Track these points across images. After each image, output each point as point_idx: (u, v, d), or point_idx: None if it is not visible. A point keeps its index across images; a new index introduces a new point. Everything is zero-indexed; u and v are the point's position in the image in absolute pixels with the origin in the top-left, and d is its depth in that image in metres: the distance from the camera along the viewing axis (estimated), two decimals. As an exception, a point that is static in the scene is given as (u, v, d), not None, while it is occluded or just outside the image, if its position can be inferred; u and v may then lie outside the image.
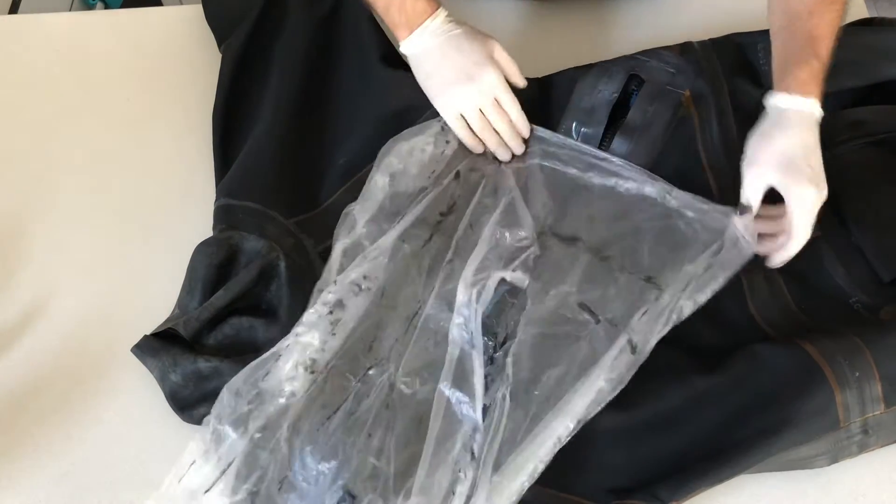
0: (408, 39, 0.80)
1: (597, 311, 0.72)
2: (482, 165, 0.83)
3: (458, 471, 0.64)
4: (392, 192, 0.79)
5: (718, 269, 0.73)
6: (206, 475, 0.64)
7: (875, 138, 0.83)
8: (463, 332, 0.70)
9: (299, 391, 0.68)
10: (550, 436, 0.65)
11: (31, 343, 0.79)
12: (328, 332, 0.70)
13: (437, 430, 0.66)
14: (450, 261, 0.75)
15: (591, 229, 0.78)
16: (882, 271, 0.77)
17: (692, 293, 0.72)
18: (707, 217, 0.77)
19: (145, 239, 0.85)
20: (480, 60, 0.79)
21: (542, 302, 0.73)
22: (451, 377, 0.68)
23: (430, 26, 0.80)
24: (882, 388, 0.68)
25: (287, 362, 0.68)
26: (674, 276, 0.74)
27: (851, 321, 0.75)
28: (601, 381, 0.67)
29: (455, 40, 0.80)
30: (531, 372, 0.69)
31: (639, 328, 0.70)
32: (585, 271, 0.75)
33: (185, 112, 0.93)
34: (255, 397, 0.67)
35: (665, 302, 0.72)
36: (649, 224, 0.78)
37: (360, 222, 0.77)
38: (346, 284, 0.72)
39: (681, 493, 0.66)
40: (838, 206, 0.80)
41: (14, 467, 0.72)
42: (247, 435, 0.66)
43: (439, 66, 0.80)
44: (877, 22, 0.91)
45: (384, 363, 0.71)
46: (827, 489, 0.71)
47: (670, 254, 0.75)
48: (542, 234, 0.78)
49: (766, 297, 0.77)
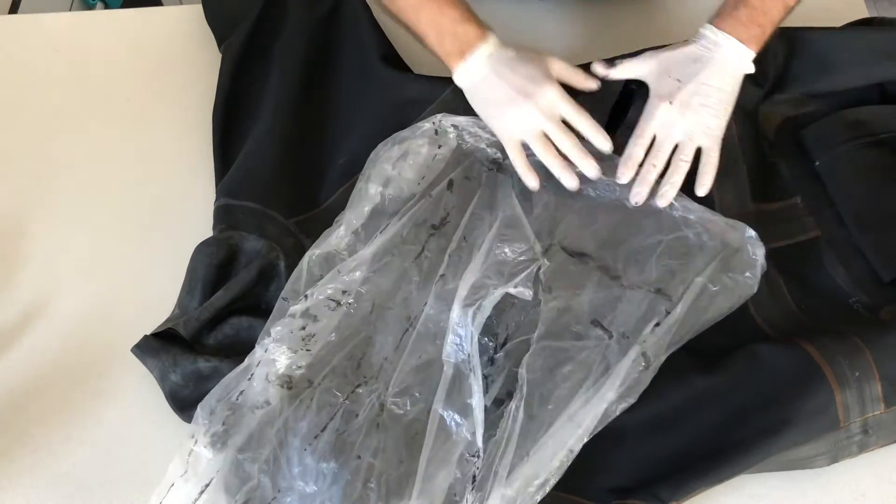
0: (461, 67, 0.77)
1: (609, 327, 0.71)
2: (477, 174, 0.81)
3: (455, 495, 0.63)
4: (384, 201, 0.77)
5: (731, 294, 0.73)
6: (185, 496, 0.64)
7: (876, 138, 0.83)
8: (459, 353, 0.68)
9: (275, 402, 0.67)
10: (562, 448, 0.65)
11: (31, 343, 0.79)
12: (301, 348, 0.69)
13: (430, 450, 0.65)
14: (442, 275, 0.74)
15: (598, 245, 0.76)
16: (882, 271, 0.77)
17: (704, 312, 0.72)
18: (712, 226, 0.77)
19: (145, 239, 0.85)
20: (537, 76, 0.76)
21: (555, 317, 0.72)
22: (445, 397, 0.67)
23: (483, 51, 0.77)
24: (882, 388, 0.68)
25: (259, 380, 0.68)
26: (683, 287, 0.73)
27: (851, 321, 0.75)
28: (611, 394, 0.66)
29: (509, 62, 0.77)
30: (543, 386, 0.68)
31: (651, 341, 0.69)
32: (596, 288, 0.73)
33: (185, 112, 0.93)
34: (230, 415, 0.66)
35: (677, 314, 0.71)
36: (656, 237, 0.76)
37: (342, 231, 0.76)
38: (322, 299, 0.71)
39: (681, 493, 0.66)
40: (838, 206, 0.81)
41: (14, 467, 0.72)
42: (225, 451, 0.65)
43: (495, 90, 0.77)
44: (877, 22, 0.91)
45: (373, 382, 0.70)
46: (827, 489, 0.70)
47: (679, 264, 0.74)
48: (550, 247, 0.76)
49: (766, 297, 0.77)
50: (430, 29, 0.78)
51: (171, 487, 0.64)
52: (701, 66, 0.76)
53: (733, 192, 0.82)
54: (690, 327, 0.72)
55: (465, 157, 0.82)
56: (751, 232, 0.76)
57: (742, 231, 0.76)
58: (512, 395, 0.68)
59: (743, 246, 0.75)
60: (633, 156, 0.77)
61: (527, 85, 0.76)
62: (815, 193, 0.82)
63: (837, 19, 0.92)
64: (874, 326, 0.72)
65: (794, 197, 0.83)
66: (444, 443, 0.65)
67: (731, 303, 0.74)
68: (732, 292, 0.74)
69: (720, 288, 0.73)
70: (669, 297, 0.72)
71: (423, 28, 0.78)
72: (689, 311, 0.72)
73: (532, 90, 0.76)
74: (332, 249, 0.75)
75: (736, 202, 0.81)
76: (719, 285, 0.73)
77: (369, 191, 0.77)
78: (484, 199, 0.80)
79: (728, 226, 0.77)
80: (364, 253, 0.74)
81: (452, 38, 0.77)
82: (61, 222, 0.86)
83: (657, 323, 0.71)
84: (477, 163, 0.82)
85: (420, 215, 0.77)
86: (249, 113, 0.89)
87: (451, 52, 0.77)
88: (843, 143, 0.83)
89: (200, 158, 0.88)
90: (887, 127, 0.83)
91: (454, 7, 0.77)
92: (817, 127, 0.85)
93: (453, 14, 0.77)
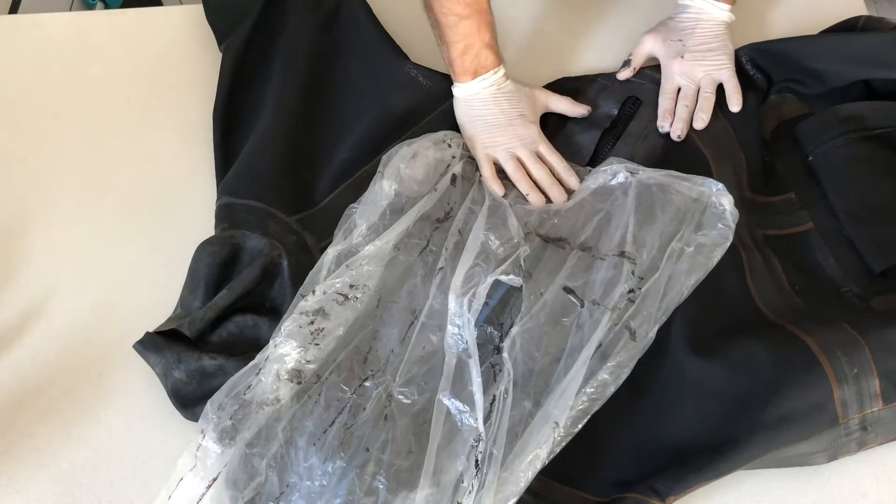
0: (467, 84, 0.85)
1: (582, 296, 0.73)
2: (470, 174, 0.84)
3: (462, 482, 0.64)
4: (399, 198, 0.79)
5: (709, 249, 0.75)
6: (194, 490, 0.64)
7: (869, 133, 0.84)
8: (459, 342, 0.70)
9: (285, 398, 0.67)
10: (548, 422, 0.65)
11: (31, 343, 0.79)
12: (310, 342, 0.69)
13: (439, 439, 0.66)
14: (441, 268, 0.76)
15: (571, 231, 0.79)
16: (872, 263, 0.78)
17: (686, 275, 0.74)
18: (677, 185, 0.79)
19: (146, 238, 0.85)
20: (527, 115, 0.86)
21: (537, 299, 0.73)
22: (450, 387, 0.68)
23: (491, 78, 0.84)
24: (880, 385, 0.68)
25: (268, 375, 0.68)
26: (646, 243, 0.75)
27: (844, 308, 0.76)
28: (589, 361, 0.68)
29: (508, 95, 0.85)
30: (526, 365, 0.70)
31: (631, 311, 0.71)
32: (572, 266, 0.76)
33: (185, 112, 0.93)
34: (238, 410, 0.66)
35: (656, 283, 0.72)
36: (619, 204, 0.79)
37: (360, 228, 0.76)
38: (330, 293, 0.72)
39: (679, 487, 0.66)
40: (830, 198, 0.82)
41: (14, 467, 0.72)
42: (234, 446, 0.65)
43: (488, 112, 0.85)
44: (861, 24, 0.91)
45: (380, 374, 0.71)
46: (827, 488, 0.71)
47: (640, 225, 0.77)
48: (528, 234, 0.78)
49: (763, 273, 0.78)
50: (461, 40, 0.83)
51: (179, 482, 0.64)
52: (693, 24, 0.90)
53: (730, 177, 0.83)
54: (676, 294, 0.73)
55: (464, 159, 0.84)
56: (718, 184, 0.78)
57: (709, 185, 0.78)
58: (516, 383, 0.69)
59: (710, 200, 0.77)
60: (665, 107, 0.89)
61: (515, 119, 0.85)
62: (809, 187, 0.84)
63: (837, 18, 0.92)
64: (870, 318, 0.73)
65: (789, 192, 0.84)
66: (451, 432, 0.66)
67: (710, 259, 0.75)
68: (708, 248, 0.75)
69: (695, 247, 0.75)
70: (632, 259, 0.74)
71: (454, 36, 0.82)
72: (672, 278, 0.73)
73: (518, 124, 0.85)
74: (353, 246, 0.76)
75: (733, 186, 0.82)
76: (694, 245, 0.75)
77: (385, 188, 0.79)
78: (478, 192, 0.83)
79: (694, 183, 0.79)
80: (371, 248, 0.75)
81: (474, 58, 0.83)
82: (61, 222, 0.86)
83: (631, 290, 0.72)
84: (470, 164, 0.85)
85: (426, 210, 0.79)
86: (250, 112, 0.89)
87: (467, 68, 0.84)
88: (836, 137, 0.84)
89: (201, 157, 0.88)
90: (880, 122, 0.85)
91: (489, 31, 0.83)
92: (811, 122, 0.86)
93: (485, 37, 0.83)
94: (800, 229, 0.82)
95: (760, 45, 0.91)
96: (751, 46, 0.92)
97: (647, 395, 0.71)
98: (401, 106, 0.88)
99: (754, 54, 0.91)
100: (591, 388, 0.68)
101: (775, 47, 0.91)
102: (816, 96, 0.89)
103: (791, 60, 0.89)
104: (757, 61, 0.91)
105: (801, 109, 0.90)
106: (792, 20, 0.92)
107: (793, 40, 0.91)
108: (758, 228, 0.81)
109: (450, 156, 0.83)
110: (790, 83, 0.90)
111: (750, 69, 0.91)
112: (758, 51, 0.91)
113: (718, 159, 0.85)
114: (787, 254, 0.80)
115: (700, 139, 0.87)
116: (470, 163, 0.85)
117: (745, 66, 0.91)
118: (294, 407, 0.68)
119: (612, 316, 0.71)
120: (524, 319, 0.71)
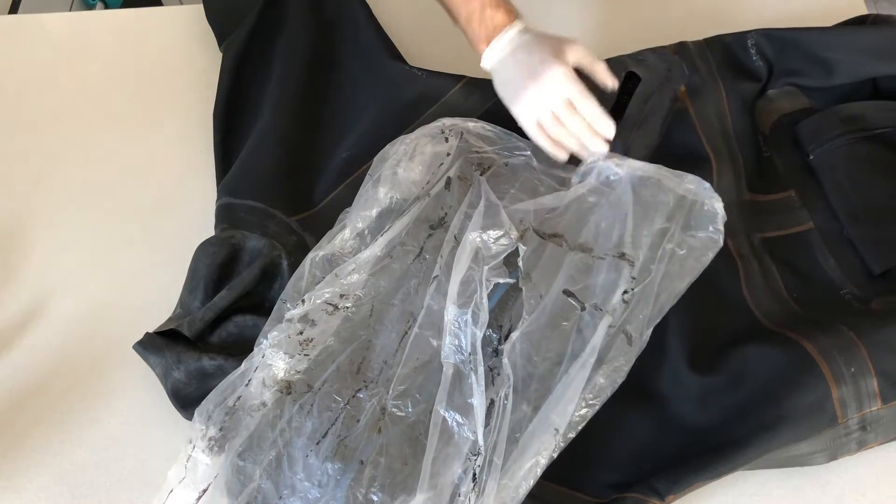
0: (485, 52, 0.80)
1: (582, 298, 0.72)
2: (468, 174, 0.81)
3: (458, 495, 0.63)
4: (391, 203, 0.77)
5: (699, 252, 0.73)
6: (184, 501, 0.64)
7: (870, 133, 0.84)
8: (457, 354, 0.68)
9: (272, 405, 0.67)
10: (548, 428, 0.65)
11: (31, 343, 0.79)
12: (299, 352, 0.69)
13: (434, 451, 0.64)
14: (436, 276, 0.74)
15: (567, 227, 0.77)
16: (873, 264, 0.78)
17: (679, 277, 0.73)
18: (666, 181, 0.76)
19: (146, 238, 0.85)
20: (548, 59, 0.77)
21: (537, 302, 0.72)
22: (447, 398, 0.66)
23: (506, 37, 0.79)
24: (878, 384, 0.68)
25: (256, 384, 0.68)
26: (641, 243, 0.73)
27: (843, 312, 0.76)
28: (589, 366, 0.67)
29: (527, 45, 0.78)
30: (525, 369, 0.69)
31: (626, 315, 0.70)
32: (572, 268, 0.74)
33: (185, 112, 0.93)
34: (226, 419, 0.66)
35: (651, 283, 0.71)
36: (614, 200, 0.77)
37: (347, 234, 0.75)
38: (319, 304, 0.71)
39: (679, 487, 0.66)
40: (831, 198, 0.81)
41: (14, 467, 0.72)
42: (223, 455, 0.65)
43: (510, 72, 0.79)
44: (871, 20, 0.91)
45: (373, 386, 0.70)
46: (827, 488, 0.70)
47: (636, 224, 0.75)
48: (525, 232, 0.76)
49: (760, 282, 0.78)
50: (462, 9, 0.80)
51: (170, 493, 0.64)
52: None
53: (731, 178, 0.83)
54: (669, 296, 0.72)
55: (461, 158, 0.82)
56: (705, 183, 0.76)
57: (698, 184, 0.76)
58: (515, 388, 0.68)
59: (699, 199, 0.75)
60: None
61: (537, 67, 0.77)
62: (809, 186, 0.83)
63: (837, 19, 0.92)
64: (868, 319, 0.73)
65: (789, 190, 0.84)
66: (448, 444, 0.65)
67: (701, 262, 0.74)
68: (699, 251, 0.74)
69: (687, 250, 0.74)
70: (630, 261, 0.73)
71: (457, 7, 0.80)
72: (664, 280, 0.72)
73: (540, 71, 0.77)
74: (336, 251, 0.75)
75: (733, 189, 0.82)
76: (685, 248, 0.74)
77: (378, 194, 0.77)
78: (474, 195, 0.80)
79: (682, 179, 0.76)
80: (362, 256, 0.73)
81: (480, 22, 0.79)
82: (61, 222, 0.86)
83: (625, 291, 0.71)
84: (468, 164, 0.82)
85: (419, 215, 0.77)
86: (250, 112, 0.89)
87: (480, 36, 0.79)
88: (837, 137, 0.84)
89: (201, 158, 0.88)
90: (881, 122, 0.84)
91: None
92: (812, 121, 0.86)
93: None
94: (800, 229, 0.81)
95: (771, 31, 0.89)
96: (759, 32, 0.89)
97: (646, 399, 0.71)
98: (400, 104, 0.88)
99: (762, 40, 0.89)
100: (590, 392, 0.67)
101: (787, 34, 0.89)
102: (819, 89, 0.88)
103: (802, 49, 0.87)
104: (762, 47, 0.89)
105: (802, 103, 0.89)
106: (792, 20, 0.92)
107: (806, 29, 0.89)
108: (756, 232, 0.81)
109: (448, 148, 0.80)
110: (793, 75, 0.89)
111: (753, 54, 0.89)
112: (767, 37, 0.89)
113: (720, 160, 0.84)
114: (787, 255, 0.80)
115: (704, 136, 0.86)
116: (467, 162, 0.82)
117: (749, 50, 0.89)
118: (287, 415, 0.67)
119: (610, 320, 0.70)
120: (525, 323, 0.70)
